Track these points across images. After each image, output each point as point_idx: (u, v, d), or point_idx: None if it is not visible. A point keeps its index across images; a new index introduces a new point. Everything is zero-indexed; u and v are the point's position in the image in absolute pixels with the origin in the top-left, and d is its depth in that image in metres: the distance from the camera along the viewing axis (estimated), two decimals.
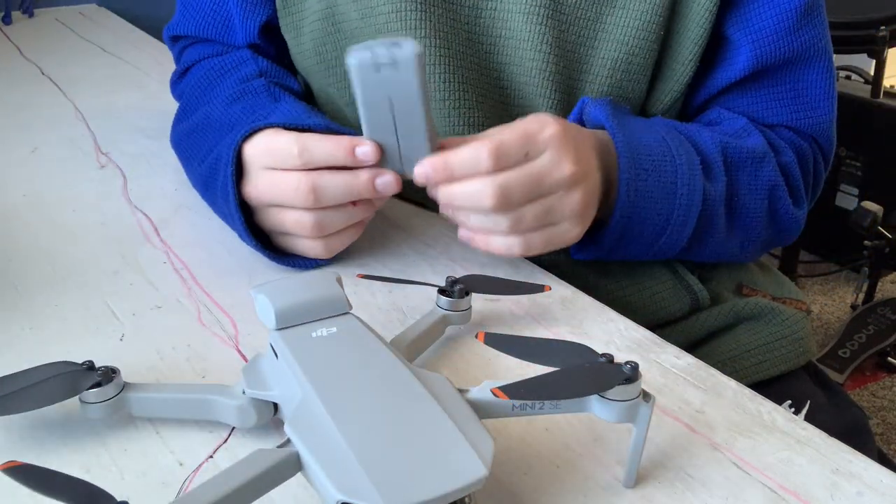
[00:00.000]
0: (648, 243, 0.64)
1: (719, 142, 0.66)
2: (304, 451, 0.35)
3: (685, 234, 0.64)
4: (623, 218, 0.61)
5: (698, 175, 0.62)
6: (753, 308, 0.71)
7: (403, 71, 0.51)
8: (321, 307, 0.43)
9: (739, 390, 0.48)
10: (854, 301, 2.08)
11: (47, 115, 0.98)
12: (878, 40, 1.75)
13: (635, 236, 0.63)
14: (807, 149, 0.73)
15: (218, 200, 0.64)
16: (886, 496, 0.40)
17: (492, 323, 0.56)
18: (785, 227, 0.72)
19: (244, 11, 0.75)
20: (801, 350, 0.72)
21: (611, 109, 0.63)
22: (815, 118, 0.72)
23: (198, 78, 0.78)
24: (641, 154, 0.61)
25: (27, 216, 0.71)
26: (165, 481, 0.41)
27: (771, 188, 0.68)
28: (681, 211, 0.62)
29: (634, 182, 0.60)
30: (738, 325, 0.71)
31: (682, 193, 0.62)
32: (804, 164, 0.73)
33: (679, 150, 0.63)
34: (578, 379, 0.38)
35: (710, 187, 0.64)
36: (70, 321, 0.55)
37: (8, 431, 0.45)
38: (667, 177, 0.62)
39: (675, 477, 0.42)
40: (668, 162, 0.62)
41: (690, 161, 0.63)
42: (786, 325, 0.71)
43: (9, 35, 1.39)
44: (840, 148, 2.15)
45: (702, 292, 0.71)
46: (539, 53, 0.66)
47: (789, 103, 0.72)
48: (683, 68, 0.68)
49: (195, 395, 0.44)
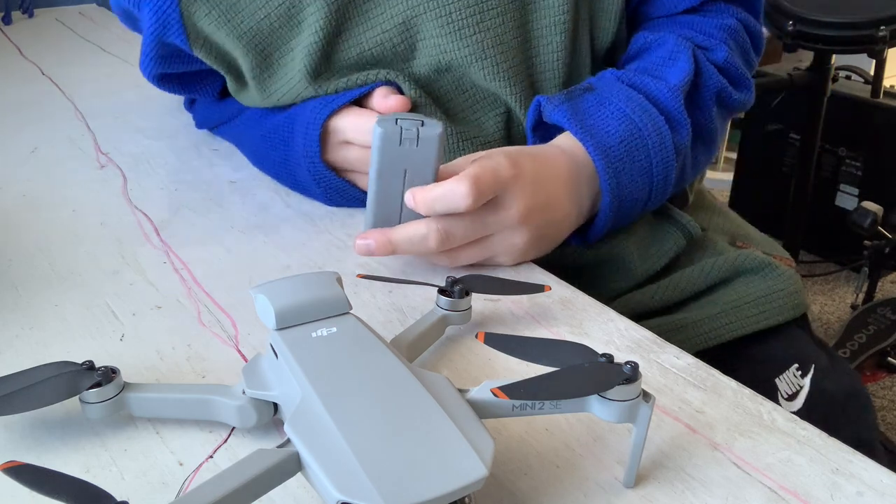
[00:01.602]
0: (638, 212, 0.68)
1: (672, 88, 0.67)
2: (304, 451, 0.35)
3: (668, 187, 0.67)
4: (613, 209, 0.64)
5: (667, 135, 0.65)
6: (751, 261, 0.73)
7: (424, 148, 0.56)
8: (321, 307, 0.43)
9: (739, 390, 0.48)
10: (854, 301, 2.08)
11: (47, 115, 0.98)
12: (878, 40, 1.75)
13: (624, 215, 0.67)
14: (735, 24, 0.75)
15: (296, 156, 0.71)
16: (886, 496, 0.40)
17: (492, 323, 0.56)
18: (735, 112, 0.77)
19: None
20: (797, 302, 0.74)
21: (568, 109, 0.65)
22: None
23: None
24: (613, 146, 0.63)
25: (27, 216, 0.71)
26: (165, 481, 0.41)
27: (716, 94, 0.71)
28: (659, 175, 0.66)
29: (615, 178, 0.63)
30: (737, 278, 0.73)
31: (657, 162, 0.65)
32: (738, 42, 0.76)
33: (643, 119, 0.65)
34: (578, 379, 0.38)
35: (678, 139, 0.66)
36: (70, 321, 0.55)
37: (8, 431, 0.45)
38: (640, 154, 0.64)
39: (675, 477, 0.42)
40: (637, 139, 0.64)
41: (657, 126, 0.65)
42: (781, 280, 0.73)
43: (9, 35, 1.39)
44: (840, 148, 2.16)
45: (690, 223, 0.74)
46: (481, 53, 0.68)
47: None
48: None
49: (195, 395, 0.44)
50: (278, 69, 0.71)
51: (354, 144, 0.67)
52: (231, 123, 0.83)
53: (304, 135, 0.69)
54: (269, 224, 0.69)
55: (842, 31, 1.79)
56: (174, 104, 1.00)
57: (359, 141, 0.67)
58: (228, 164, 0.82)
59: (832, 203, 2.22)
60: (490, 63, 0.68)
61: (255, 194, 0.75)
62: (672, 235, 0.73)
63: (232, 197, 0.75)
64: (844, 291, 2.18)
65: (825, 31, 1.79)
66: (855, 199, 2.15)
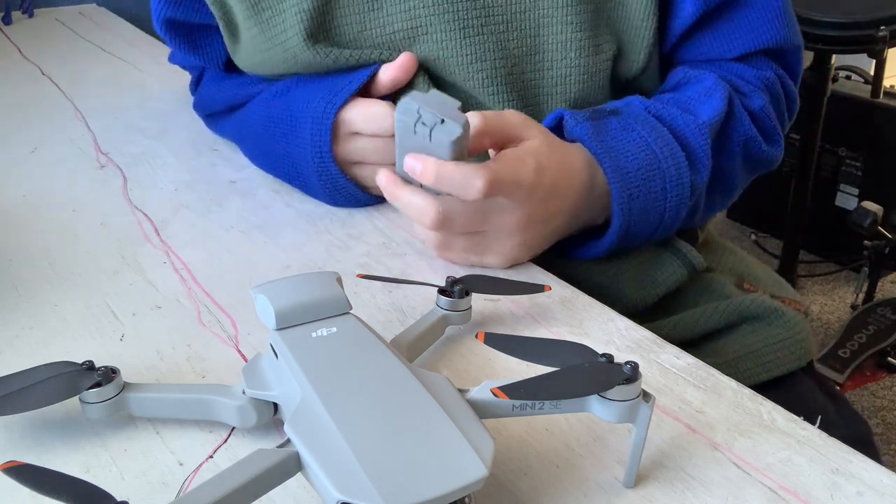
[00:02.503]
0: (643, 242, 0.67)
1: (699, 125, 0.66)
2: (304, 451, 0.35)
3: (676, 224, 0.67)
4: (620, 237, 0.64)
5: (685, 173, 0.64)
6: (757, 307, 0.71)
7: (436, 146, 0.55)
8: (321, 307, 0.43)
9: (739, 390, 0.48)
10: (854, 301, 2.08)
11: (47, 115, 0.98)
12: (878, 40, 1.75)
13: (630, 242, 0.66)
14: (773, 77, 0.74)
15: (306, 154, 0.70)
16: (886, 496, 0.40)
17: (492, 323, 0.56)
18: (761, 168, 0.74)
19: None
20: (803, 351, 0.72)
21: (591, 128, 0.64)
22: (776, 33, 0.72)
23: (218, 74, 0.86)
24: (630, 171, 0.62)
25: (27, 216, 0.71)
26: (165, 481, 0.41)
27: (744, 142, 0.70)
28: (671, 211, 0.65)
29: (628, 204, 0.62)
30: (742, 325, 0.72)
31: (671, 197, 0.64)
32: (774, 95, 0.74)
33: (664, 152, 0.64)
34: (578, 379, 0.38)
35: (696, 178, 0.65)
36: (70, 321, 0.55)
37: (8, 431, 0.45)
38: (656, 185, 0.63)
39: (675, 477, 0.42)
40: (655, 170, 0.63)
41: (676, 161, 0.64)
42: (787, 327, 0.72)
43: (9, 35, 1.39)
44: (840, 148, 2.16)
45: (691, 253, 0.72)
46: (484, 63, 0.68)
47: (747, 29, 0.72)
48: (644, 23, 0.69)
49: (195, 395, 0.44)
50: (272, 21, 0.70)
51: (363, 135, 0.67)
52: (231, 116, 0.83)
53: (312, 126, 0.68)
54: (269, 224, 0.69)
55: (842, 31, 1.78)
56: (174, 104, 1.00)
57: (368, 131, 0.66)
58: (228, 164, 0.82)
59: (832, 203, 2.22)
60: (489, 66, 0.67)
61: (255, 194, 0.75)
62: (671, 264, 0.71)
63: (232, 197, 0.75)
64: (844, 291, 2.18)
65: (825, 31, 1.79)
66: (855, 199, 2.15)
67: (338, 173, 0.69)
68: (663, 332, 0.67)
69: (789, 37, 0.73)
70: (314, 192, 0.73)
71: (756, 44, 0.73)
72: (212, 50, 0.82)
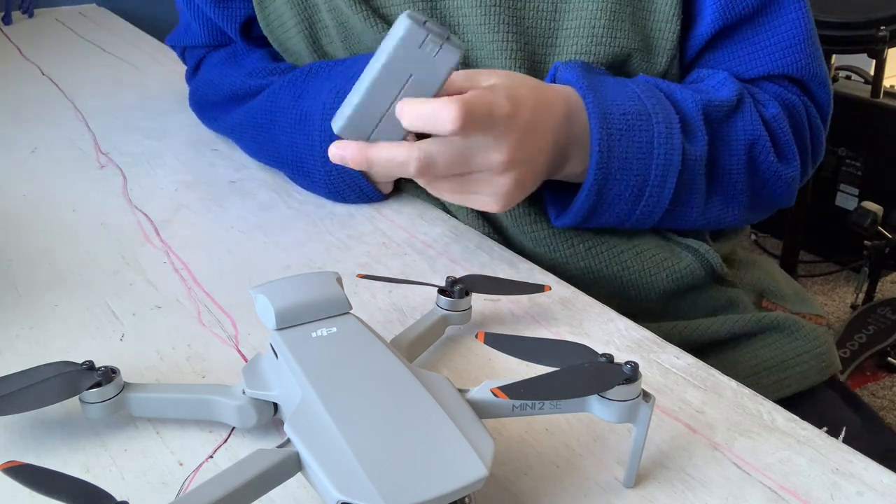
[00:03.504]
0: (628, 206, 0.64)
1: (700, 100, 0.65)
2: (304, 451, 0.35)
3: (665, 196, 0.63)
4: (598, 180, 0.61)
5: (677, 134, 0.62)
6: (774, 319, 0.70)
7: (439, 63, 0.52)
8: (321, 307, 0.43)
9: (739, 390, 0.48)
10: (854, 301, 2.08)
11: (47, 115, 0.98)
12: (878, 40, 1.75)
13: (613, 198, 0.63)
14: (796, 101, 0.72)
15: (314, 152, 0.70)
16: (886, 496, 0.40)
17: (492, 323, 0.56)
18: (771, 185, 0.70)
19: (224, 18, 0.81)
20: (825, 364, 0.70)
21: (581, 70, 0.63)
22: (797, 59, 0.70)
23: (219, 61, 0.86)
24: (614, 114, 0.61)
25: (27, 216, 0.71)
26: (165, 481, 0.41)
27: (750, 142, 0.67)
28: (658, 171, 0.62)
29: (608, 142, 0.60)
30: (760, 335, 0.70)
31: (658, 154, 0.62)
32: (795, 117, 0.71)
33: (656, 109, 0.62)
34: (578, 379, 0.38)
35: (690, 147, 0.63)
36: (70, 321, 0.55)
37: (8, 431, 0.45)
38: (642, 136, 0.61)
39: (675, 477, 0.42)
40: (643, 121, 0.61)
41: (668, 120, 0.62)
42: (807, 340, 0.70)
43: (9, 35, 1.39)
44: (840, 148, 2.16)
45: (708, 252, 0.70)
46: (497, 34, 0.66)
47: (768, 51, 0.70)
48: (668, 24, 0.68)
49: (195, 395, 0.44)
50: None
51: None
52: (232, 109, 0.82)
53: (322, 117, 0.68)
54: (269, 224, 0.69)
55: (842, 31, 1.78)
56: (174, 104, 1.00)
57: None
58: (228, 164, 0.82)
59: (832, 203, 2.22)
60: (501, 38, 0.66)
61: (256, 194, 0.75)
62: (684, 258, 0.69)
63: (232, 197, 0.75)
64: (844, 291, 2.18)
65: (825, 31, 1.79)
66: (855, 199, 2.15)
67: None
68: (669, 333, 0.66)
69: (812, 67, 0.71)
70: (316, 187, 0.73)
71: (777, 67, 0.71)
72: (235, 3, 0.80)
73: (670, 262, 0.68)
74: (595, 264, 0.67)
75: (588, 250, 0.67)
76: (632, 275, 0.67)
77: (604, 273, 0.67)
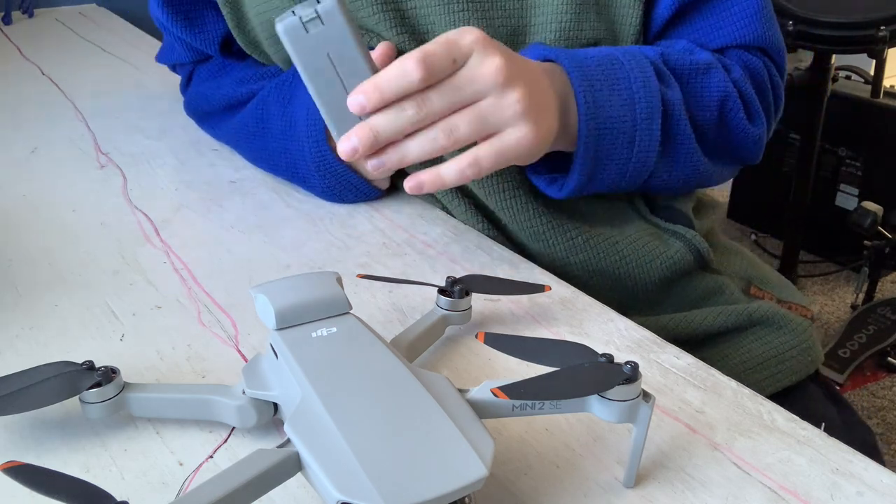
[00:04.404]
0: (624, 156, 0.64)
1: (661, 52, 0.67)
2: (304, 451, 0.35)
3: (654, 139, 0.64)
4: (591, 130, 0.61)
5: (652, 79, 0.63)
6: (764, 312, 0.71)
7: (330, 21, 0.51)
8: (321, 307, 0.43)
9: (739, 390, 0.48)
10: (854, 301, 2.08)
11: (47, 115, 0.98)
12: (878, 40, 1.75)
13: (608, 149, 0.63)
14: (758, 63, 0.74)
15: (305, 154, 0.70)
16: (886, 496, 0.40)
17: (492, 323, 0.56)
18: (739, 142, 0.72)
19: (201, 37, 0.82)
20: (810, 359, 0.72)
21: (543, 46, 0.64)
22: (754, 30, 0.72)
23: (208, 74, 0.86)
24: (590, 66, 0.62)
25: (27, 216, 0.71)
26: (165, 481, 0.41)
27: (721, 99, 0.69)
28: (643, 114, 0.63)
29: (591, 93, 0.60)
30: (749, 329, 0.71)
31: (640, 97, 0.63)
32: (757, 78, 0.74)
33: (627, 58, 0.64)
34: (578, 379, 0.38)
35: (667, 90, 0.65)
36: (70, 321, 0.55)
37: (8, 431, 0.45)
38: (620, 83, 0.62)
39: (675, 477, 0.42)
40: (618, 69, 0.63)
41: (642, 67, 0.63)
42: (794, 334, 0.71)
43: (9, 35, 1.39)
44: (840, 148, 2.16)
45: (695, 238, 0.71)
46: None
47: (726, 23, 0.72)
48: (632, 10, 0.69)
49: (195, 395, 0.44)
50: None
51: None
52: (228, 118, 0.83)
53: (307, 121, 0.69)
54: (269, 224, 0.69)
55: (842, 31, 1.78)
56: (174, 104, 1.00)
57: None
58: (228, 164, 0.82)
59: (832, 203, 2.22)
60: None
61: (255, 194, 0.75)
62: (673, 245, 0.71)
63: (232, 197, 0.75)
64: (844, 291, 2.18)
65: (825, 31, 1.79)
66: (855, 199, 2.15)
67: (335, 162, 0.69)
68: (666, 326, 0.68)
69: (769, 36, 0.73)
70: (313, 189, 0.74)
71: (735, 39, 0.73)
72: (209, 26, 0.81)
73: (662, 250, 0.70)
74: (593, 256, 0.69)
75: (585, 242, 0.68)
76: (628, 265, 0.69)
77: (602, 265, 0.69)
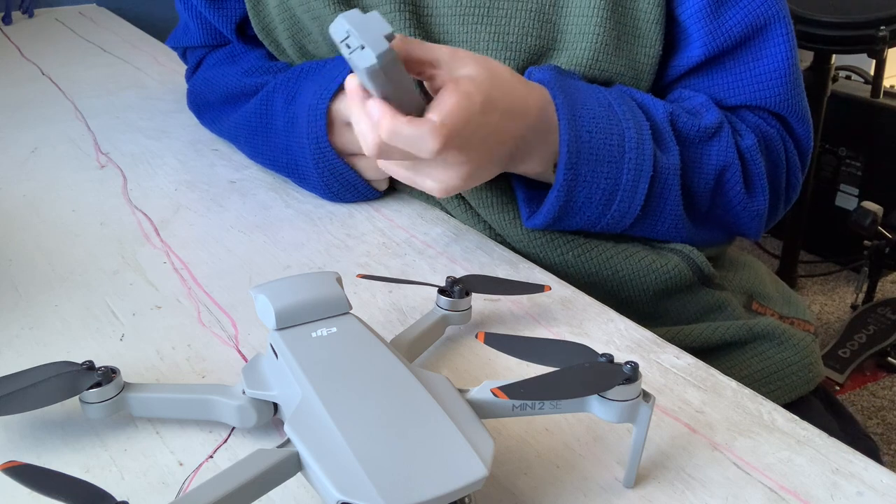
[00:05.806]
0: (598, 210, 0.63)
1: (670, 112, 0.65)
2: (304, 451, 0.35)
3: (637, 202, 0.63)
4: (568, 180, 0.61)
5: (648, 141, 0.62)
6: (765, 327, 0.70)
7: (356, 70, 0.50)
8: (321, 307, 0.43)
9: (739, 390, 0.48)
10: (854, 301, 2.08)
11: (47, 115, 0.98)
12: (878, 40, 1.75)
13: (583, 200, 0.62)
14: (774, 136, 0.71)
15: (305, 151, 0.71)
16: (886, 496, 0.40)
17: (492, 323, 0.56)
18: (735, 214, 0.70)
19: (220, 18, 0.82)
20: (811, 375, 0.71)
21: (554, 73, 0.63)
22: (778, 93, 0.70)
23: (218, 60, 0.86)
24: (584, 117, 0.61)
25: (27, 216, 0.71)
26: (165, 481, 0.41)
27: (721, 168, 0.67)
28: (630, 176, 0.62)
29: (576, 144, 0.60)
30: (750, 344, 0.70)
31: (630, 158, 0.61)
32: (771, 151, 0.71)
33: (626, 115, 0.62)
34: (578, 379, 0.38)
35: (662, 156, 0.63)
36: (70, 321, 0.55)
37: (8, 431, 0.45)
38: (612, 140, 0.61)
39: (675, 477, 0.42)
40: (614, 125, 0.61)
41: (639, 125, 0.62)
42: (796, 350, 0.70)
43: (9, 35, 1.39)
44: (840, 148, 2.16)
45: (692, 252, 0.70)
46: (478, 51, 0.66)
47: (750, 81, 0.70)
48: (651, 50, 0.68)
49: (195, 395, 0.44)
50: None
51: None
52: (230, 112, 0.82)
53: (308, 119, 0.69)
54: (269, 224, 0.69)
55: (842, 31, 1.78)
56: (174, 104, 1.00)
57: None
58: (228, 164, 0.82)
59: (832, 203, 2.22)
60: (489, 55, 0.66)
61: (255, 194, 0.75)
62: (671, 259, 0.69)
63: (232, 197, 0.75)
64: (844, 291, 2.18)
65: (825, 31, 1.79)
66: (855, 199, 2.15)
67: (336, 161, 0.69)
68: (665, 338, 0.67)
69: (793, 103, 0.71)
70: (313, 188, 0.74)
71: (757, 98, 0.70)
72: (230, 3, 0.80)
73: (659, 264, 0.69)
74: (588, 268, 0.68)
75: (577, 257, 0.67)
76: (623, 277, 0.68)
77: (597, 276, 0.68)
